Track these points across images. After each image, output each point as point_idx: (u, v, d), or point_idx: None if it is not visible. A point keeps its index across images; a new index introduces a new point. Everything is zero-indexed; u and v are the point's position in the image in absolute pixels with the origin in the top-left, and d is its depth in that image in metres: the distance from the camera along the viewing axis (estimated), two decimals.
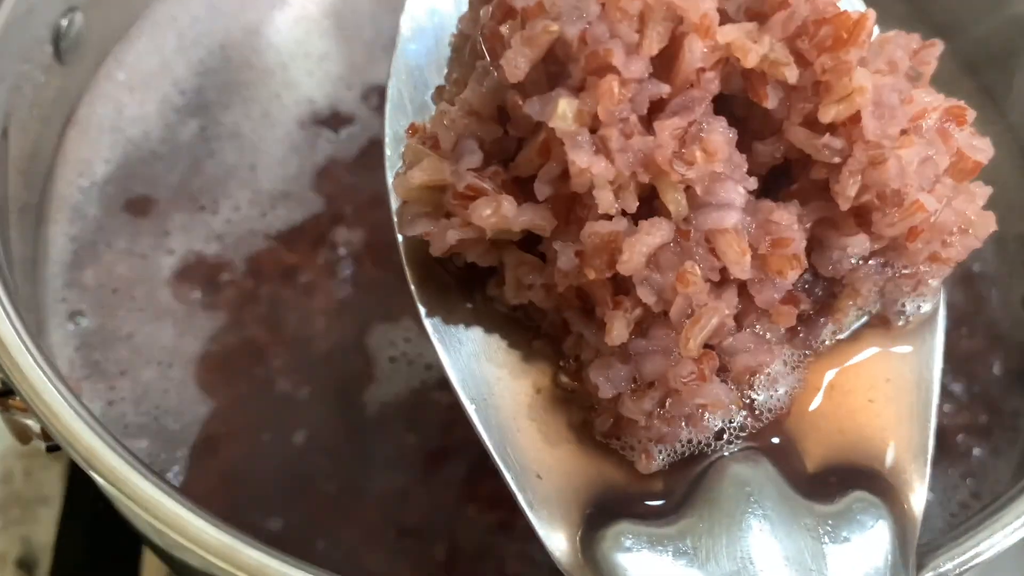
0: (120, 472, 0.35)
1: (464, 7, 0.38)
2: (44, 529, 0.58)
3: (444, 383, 0.34)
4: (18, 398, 0.37)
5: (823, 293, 0.35)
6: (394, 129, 0.38)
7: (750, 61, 0.30)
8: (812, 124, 0.31)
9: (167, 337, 0.50)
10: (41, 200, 0.53)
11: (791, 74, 0.30)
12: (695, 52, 0.29)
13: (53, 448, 0.39)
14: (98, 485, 0.37)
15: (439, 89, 0.38)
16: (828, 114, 0.31)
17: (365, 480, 0.47)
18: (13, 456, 0.59)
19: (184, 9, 0.60)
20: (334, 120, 0.58)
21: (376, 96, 0.58)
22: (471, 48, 0.35)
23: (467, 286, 0.35)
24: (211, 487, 0.46)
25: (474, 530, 0.46)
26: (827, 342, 0.35)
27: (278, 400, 0.49)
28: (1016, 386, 0.50)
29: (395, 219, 0.34)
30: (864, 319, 0.36)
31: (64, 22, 0.52)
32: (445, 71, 0.38)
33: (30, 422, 0.41)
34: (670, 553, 0.31)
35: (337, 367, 0.50)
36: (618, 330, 0.31)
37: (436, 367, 0.35)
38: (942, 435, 0.49)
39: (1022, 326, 0.52)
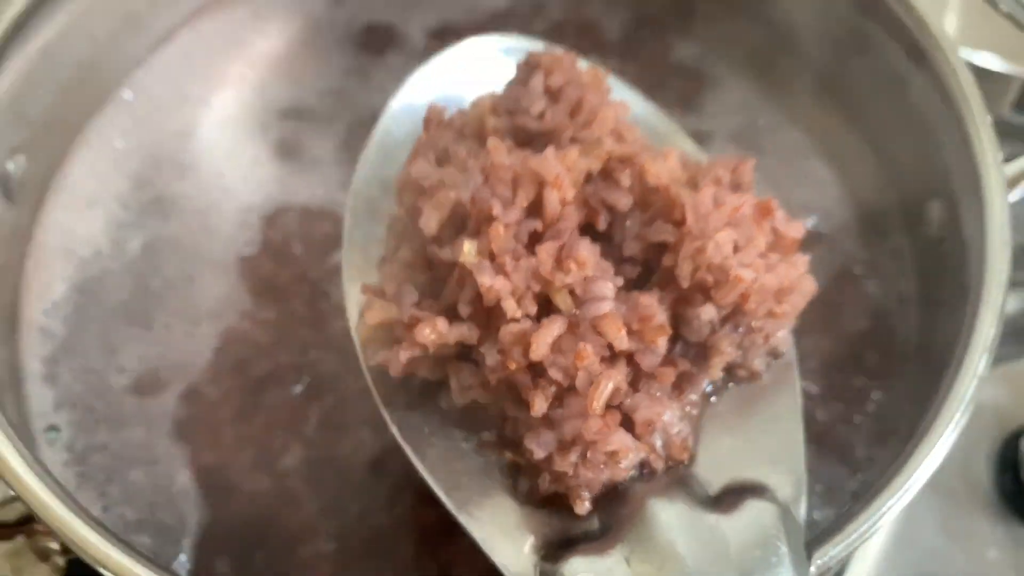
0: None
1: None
2: None
3: None
4: (40, 524, 0.41)
5: (696, 355, 0.45)
6: (349, 259, 0.49)
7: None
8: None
9: (140, 440, 0.53)
10: (10, 327, 0.56)
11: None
12: (553, 202, 0.41)
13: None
14: None
15: (381, 259, 0.49)
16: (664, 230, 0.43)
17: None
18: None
19: (112, 124, 0.63)
20: (273, 245, 0.59)
21: (302, 209, 0.60)
22: (402, 226, 0.47)
23: (425, 401, 0.45)
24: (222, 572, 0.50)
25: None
26: (707, 391, 0.45)
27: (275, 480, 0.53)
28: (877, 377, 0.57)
29: (360, 356, 0.45)
30: (734, 370, 0.46)
31: (11, 165, 0.55)
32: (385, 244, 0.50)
33: (52, 544, 0.46)
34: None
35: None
36: (539, 404, 0.40)
37: None
38: (824, 437, 0.55)
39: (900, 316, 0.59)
